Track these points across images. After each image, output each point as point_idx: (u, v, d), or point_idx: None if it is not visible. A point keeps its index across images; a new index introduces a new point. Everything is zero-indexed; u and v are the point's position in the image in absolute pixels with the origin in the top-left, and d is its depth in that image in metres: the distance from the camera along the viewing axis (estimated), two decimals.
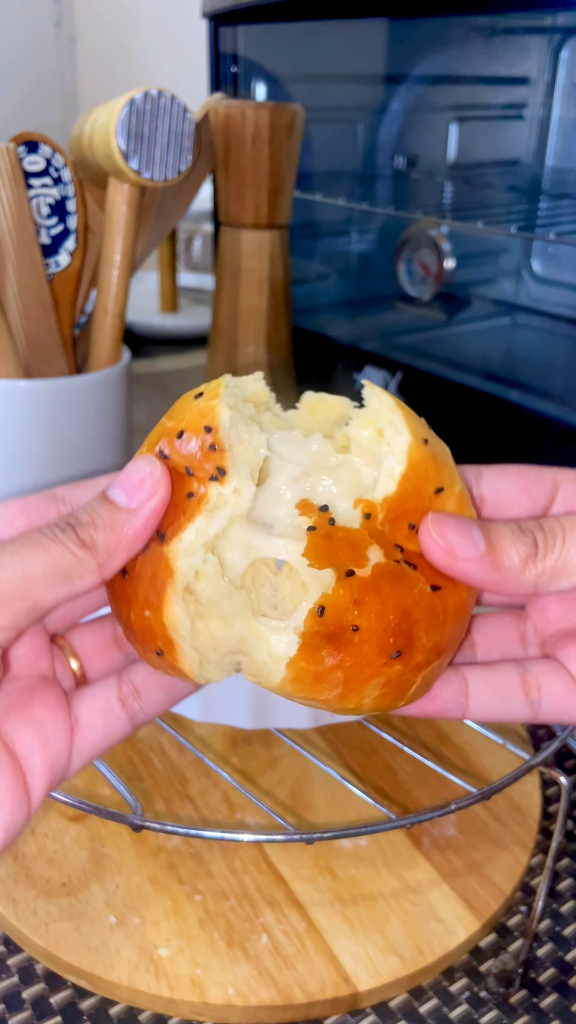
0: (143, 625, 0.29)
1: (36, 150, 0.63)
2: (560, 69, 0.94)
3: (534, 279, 1.05)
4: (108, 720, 0.32)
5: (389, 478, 0.30)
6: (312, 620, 0.28)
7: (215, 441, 0.29)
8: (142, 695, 0.32)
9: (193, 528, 0.29)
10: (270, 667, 0.29)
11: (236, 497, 0.29)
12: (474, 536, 0.29)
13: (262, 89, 0.99)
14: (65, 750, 0.30)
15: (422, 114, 1.02)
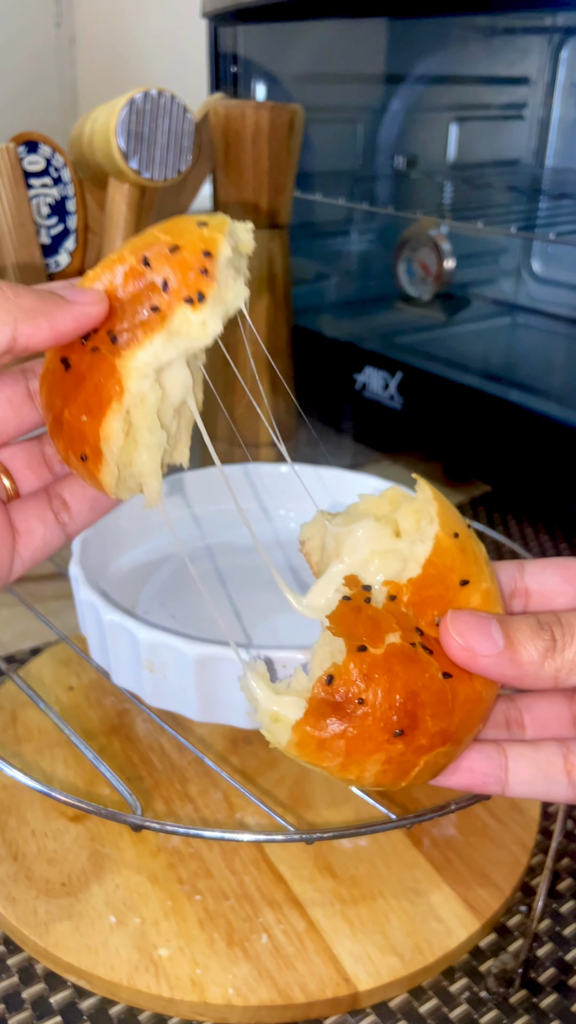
0: (76, 427, 0.30)
1: (36, 150, 0.63)
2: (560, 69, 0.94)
3: (534, 279, 1.05)
4: (46, 528, 0.34)
5: (415, 562, 0.31)
6: (320, 687, 0.29)
7: (209, 268, 0.29)
8: (71, 507, 0.35)
9: (151, 349, 0.29)
10: (278, 728, 0.30)
11: (201, 329, 0.29)
12: (493, 633, 0.30)
13: (262, 89, 0.99)
14: (7, 554, 0.33)
15: (422, 114, 1.02)
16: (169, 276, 0.29)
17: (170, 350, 0.29)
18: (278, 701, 0.30)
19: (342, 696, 0.29)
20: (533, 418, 0.76)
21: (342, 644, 0.29)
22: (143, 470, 0.31)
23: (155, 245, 0.30)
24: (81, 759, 0.53)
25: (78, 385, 0.29)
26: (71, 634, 0.54)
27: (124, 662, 0.46)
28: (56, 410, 0.30)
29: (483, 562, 0.33)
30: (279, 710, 0.30)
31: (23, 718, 0.56)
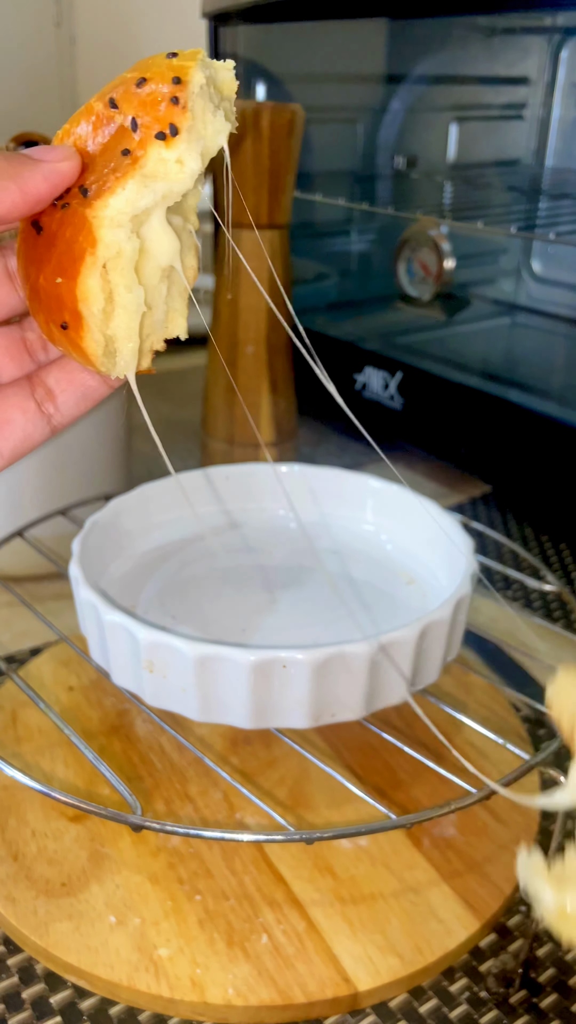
0: (52, 292, 0.27)
1: None
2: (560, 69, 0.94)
3: (534, 279, 1.05)
4: (27, 419, 0.31)
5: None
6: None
7: (180, 96, 0.26)
8: (56, 396, 0.32)
9: (123, 195, 0.26)
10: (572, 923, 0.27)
11: (178, 168, 0.27)
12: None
13: (262, 89, 0.99)
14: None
15: (422, 114, 1.02)
16: (138, 113, 0.26)
17: (145, 195, 0.26)
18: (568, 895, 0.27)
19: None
20: (533, 418, 0.76)
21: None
22: (117, 332, 0.28)
23: (122, 84, 0.27)
24: (81, 759, 0.53)
25: (50, 246, 0.27)
26: (71, 634, 0.54)
27: (124, 662, 0.46)
28: (32, 280, 0.28)
29: None
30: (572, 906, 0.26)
31: (23, 718, 0.56)
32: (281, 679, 0.42)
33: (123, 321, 0.28)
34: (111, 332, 0.28)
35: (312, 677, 0.42)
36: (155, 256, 0.28)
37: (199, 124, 0.27)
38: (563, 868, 0.27)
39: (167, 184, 0.27)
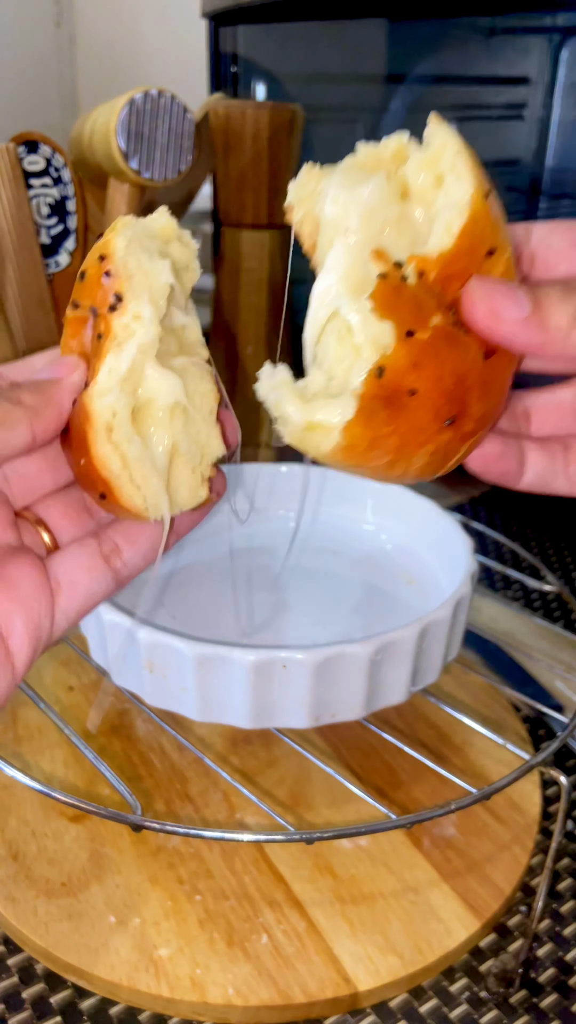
0: (82, 473, 0.30)
1: (36, 150, 0.63)
2: (560, 69, 0.94)
3: None
4: (92, 577, 0.32)
5: (446, 232, 0.27)
6: (371, 382, 0.26)
7: (109, 268, 0.29)
8: (123, 551, 0.33)
9: (105, 368, 0.29)
10: (317, 436, 0.27)
11: (138, 324, 0.29)
12: (519, 297, 0.27)
13: (262, 89, 0.99)
14: (47, 611, 0.31)
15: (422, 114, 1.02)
16: (91, 301, 0.30)
17: (122, 359, 0.29)
18: (313, 408, 0.28)
19: (394, 388, 0.26)
20: None
21: (388, 329, 0.26)
22: (139, 483, 0.30)
23: (76, 283, 0.31)
24: (81, 759, 0.53)
25: (70, 436, 0.31)
26: (71, 634, 0.54)
27: (124, 662, 0.46)
28: (73, 469, 0.31)
29: (505, 225, 0.29)
30: (320, 417, 0.27)
31: (23, 718, 0.56)
32: (281, 679, 0.42)
33: (139, 471, 0.30)
34: (138, 484, 0.30)
35: (312, 677, 0.42)
36: (159, 398, 0.30)
37: (139, 280, 0.29)
38: (307, 384, 0.28)
39: (137, 340, 0.29)
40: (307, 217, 0.30)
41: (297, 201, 0.30)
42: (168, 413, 0.31)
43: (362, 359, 0.27)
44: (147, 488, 0.30)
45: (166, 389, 0.30)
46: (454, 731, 0.56)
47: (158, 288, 0.30)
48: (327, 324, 0.28)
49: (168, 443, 0.31)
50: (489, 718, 0.57)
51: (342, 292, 0.27)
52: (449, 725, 0.56)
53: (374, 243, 0.27)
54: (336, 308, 0.28)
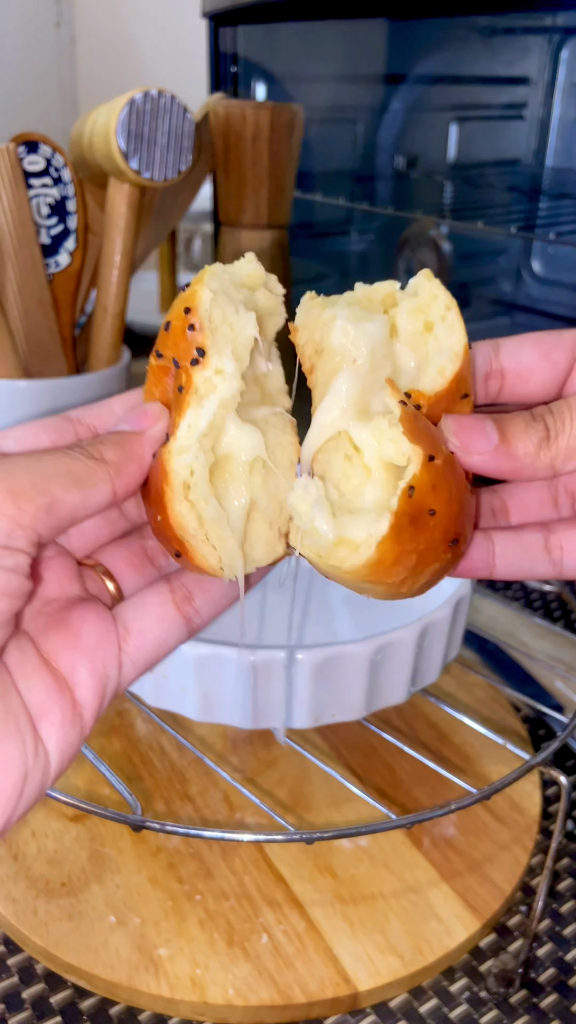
0: (158, 529, 0.30)
1: (36, 150, 0.63)
2: (560, 69, 0.94)
3: (534, 279, 1.05)
4: (163, 625, 0.31)
5: (440, 375, 0.29)
6: (404, 500, 0.27)
7: (194, 322, 0.29)
8: (196, 598, 0.32)
9: (185, 423, 0.29)
10: (343, 552, 0.28)
11: (220, 379, 0.29)
12: (487, 430, 0.29)
13: (262, 89, 0.99)
14: (113, 660, 0.30)
15: (422, 114, 1.02)
16: (174, 353, 0.29)
17: (203, 415, 0.29)
18: (343, 523, 0.28)
19: (419, 508, 0.28)
20: None
21: (419, 452, 0.28)
22: (214, 543, 0.29)
23: (160, 333, 0.30)
24: (81, 759, 0.53)
25: (148, 491, 0.30)
26: None
27: None
28: (149, 521, 0.31)
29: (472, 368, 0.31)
30: (353, 533, 0.28)
31: None
32: (281, 679, 0.42)
33: (215, 531, 0.29)
34: (214, 544, 0.29)
35: (312, 677, 0.42)
36: (239, 455, 0.30)
37: (222, 333, 0.29)
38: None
39: (217, 395, 0.29)
40: (310, 341, 0.31)
41: (302, 325, 0.31)
42: (247, 468, 0.30)
43: (375, 478, 0.29)
44: (223, 549, 0.29)
45: (247, 445, 0.30)
46: (454, 731, 0.56)
47: (242, 342, 0.29)
48: (329, 443, 0.30)
49: (246, 501, 0.30)
50: (489, 718, 0.57)
51: (351, 415, 0.29)
52: (449, 725, 0.56)
53: (376, 374, 0.29)
54: (344, 429, 0.29)
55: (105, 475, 0.28)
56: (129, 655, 0.31)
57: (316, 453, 0.30)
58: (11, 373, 0.63)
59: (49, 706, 0.28)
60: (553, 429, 0.30)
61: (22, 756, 0.27)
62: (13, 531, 0.26)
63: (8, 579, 0.26)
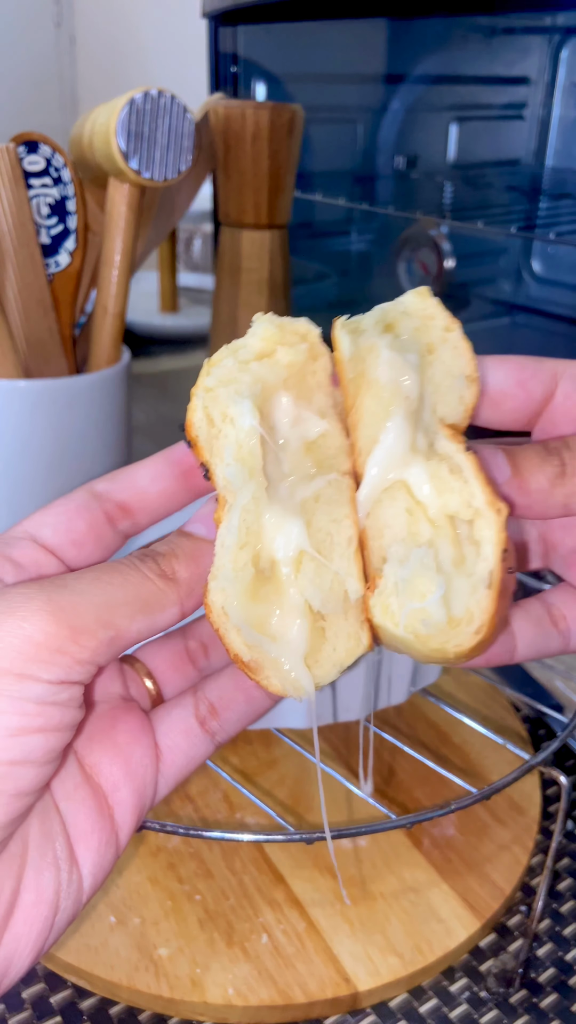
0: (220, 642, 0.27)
1: (36, 150, 0.63)
2: (560, 69, 0.94)
3: (534, 279, 1.05)
4: (191, 742, 0.29)
5: (460, 403, 0.27)
6: (500, 563, 0.25)
7: (190, 438, 0.27)
8: (220, 712, 0.30)
9: (219, 542, 0.26)
10: (460, 630, 0.25)
11: (229, 490, 0.26)
12: (499, 462, 0.27)
13: (262, 89, 0.99)
14: (151, 779, 0.28)
15: (422, 114, 1.02)
16: (201, 462, 0.27)
17: (229, 531, 0.26)
18: (452, 602, 0.25)
19: (506, 568, 0.25)
20: None
21: (503, 509, 0.25)
22: (268, 668, 0.27)
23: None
24: None
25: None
26: None
27: None
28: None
29: None
30: (465, 609, 0.25)
31: None
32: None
33: (261, 655, 0.26)
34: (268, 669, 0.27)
35: None
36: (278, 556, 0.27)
37: (225, 434, 0.27)
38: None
39: (237, 506, 0.26)
40: (357, 374, 0.28)
41: (351, 358, 0.28)
42: (293, 567, 0.27)
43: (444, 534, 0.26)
44: (276, 671, 0.26)
45: (282, 543, 0.26)
46: (454, 731, 0.56)
47: (244, 437, 0.26)
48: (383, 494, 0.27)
49: (300, 604, 0.26)
50: (489, 718, 0.57)
51: (409, 461, 0.26)
52: (449, 725, 0.56)
53: (421, 412, 0.27)
54: (403, 479, 0.26)
55: (175, 598, 0.26)
56: (163, 773, 0.29)
57: (373, 509, 0.27)
58: (11, 373, 0.63)
59: (89, 829, 0.26)
60: (570, 464, 0.28)
61: (56, 887, 0.25)
62: (72, 667, 0.24)
63: (63, 713, 0.24)
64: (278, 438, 0.28)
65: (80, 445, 0.67)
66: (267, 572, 0.27)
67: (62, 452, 0.66)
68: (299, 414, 0.28)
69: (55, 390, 0.64)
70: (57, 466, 0.67)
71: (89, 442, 0.68)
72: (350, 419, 0.28)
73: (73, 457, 0.67)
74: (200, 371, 0.27)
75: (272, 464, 0.27)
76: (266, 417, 0.27)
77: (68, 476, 0.68)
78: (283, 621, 0.26)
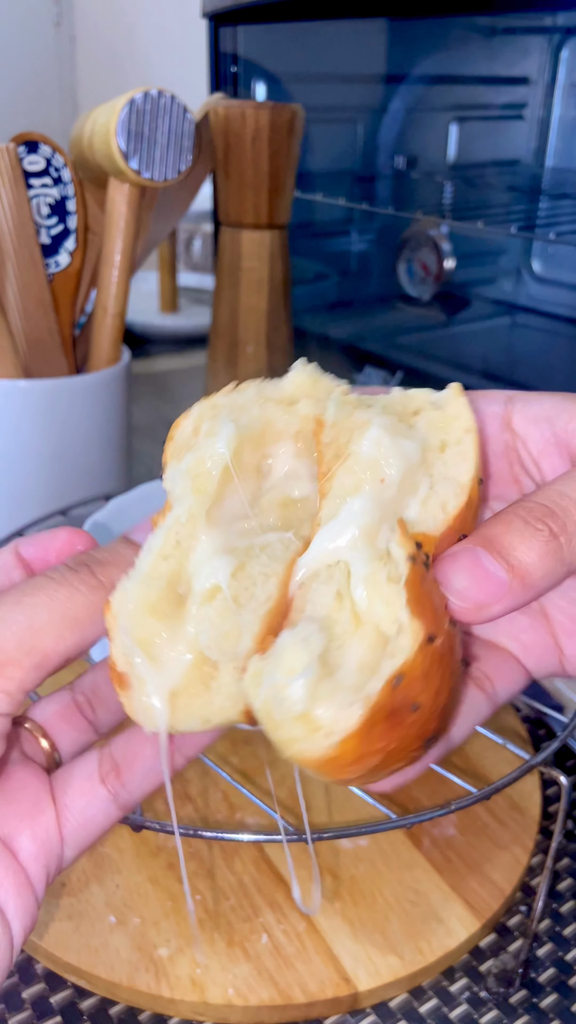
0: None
1: (36, 150, 0.63)
2: (560, 69, 0.94)
3: (534, 279, 1.05)
4: (87, 799, 0.28)
5: (441, 510, 0.25)
6: (387, 691, 0.22)
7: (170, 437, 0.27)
8: (123, 771, 0.28)
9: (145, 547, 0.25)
10: (310, 737, 0.22)
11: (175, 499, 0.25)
12: (487, 566, 0.24)
13: (262, 89, 0.99)
14: (54, 830, 0.27)
15: (422, 114, 1.02)
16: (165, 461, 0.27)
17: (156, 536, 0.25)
18: (318, 698, 0.22)
19: (402, 701, 0.22)
20: None
21: (419, 631, 0.22)
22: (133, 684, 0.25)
23: None
24: None
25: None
26: None
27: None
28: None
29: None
30: (324, 715, 0.22)
31: None
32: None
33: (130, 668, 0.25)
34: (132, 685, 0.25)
35: None
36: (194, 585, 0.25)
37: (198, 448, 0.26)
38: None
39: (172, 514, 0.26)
40: (334, 442, 0.26)
41: (332, 424, 0.26)
42: (202, 600, 0.25)
43: (365, 634, 0.23)
44: (139, 694, 0.24)
45: (204, 572, 0.25)
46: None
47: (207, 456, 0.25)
48: (323, 570, 0.25)
49: (192, 635, 0.25)
50: (489, 718, 0.57)
51: (361, 552, 0.24)
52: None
53: (398, 502, 0.25)
54: (345, 561, 0.24)
55: (100, 605, 0.25)
56: (67, 839, 0.27)
57: (308, 579, 0.25)
58: (11, 373, 0.63)
59: (10, 897, 0.25)
60: (556, 523, 0.24)
61: None
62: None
63: None
64: (266, 483, 0.27)
65: (80, 445, 0.67)
66: (183, 597, 0.25)
67: (62, 452, 0.66)
68: (295, 469, 0.27)
69: (55, 390, 0.64)
70: (57, 466, 0.67)
71: (89, 442, 0.68)
72: (322, 486, 0.26)
73: (73, 457, 0.67)
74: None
75: (237, 500, 0.26)
76: (262, 457, 0.27)
77: (68, 476, 0.68)
78: (168, 647, 0.25)
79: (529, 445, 0.28)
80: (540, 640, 0.30)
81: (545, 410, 0.27)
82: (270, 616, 0.25)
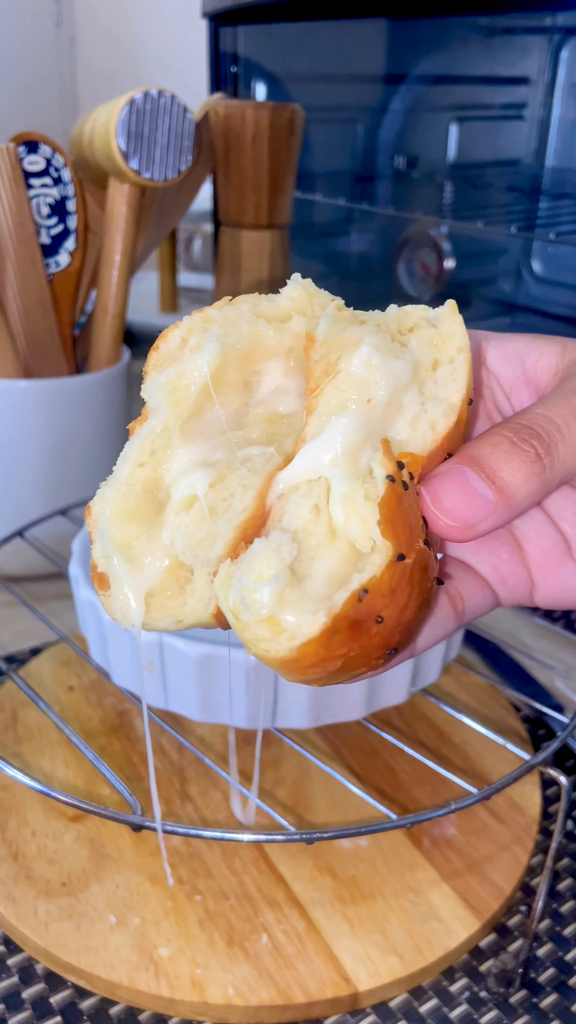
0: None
1: (36, 150, 0.63)
2: (560, 69, 0.94)
3: (534, 279, 1.05)
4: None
5: (431, 430, 0.25)
6: (351, 604, 0.23)
7: (155, 347, 0.28)
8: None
9: (122, 454, 0.27)
10: (273, 638, 0.23)
11: (151, 408, 0.27)
12: (474, 486, 0.25)
13: (262, 89, 0.99)
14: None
15: (422, 114, 1.02)
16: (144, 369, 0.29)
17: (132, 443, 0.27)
18: (285, 605, 0.23)
19: (366, 613, 0.23)
20: None
21: (388, 550, 0.23)
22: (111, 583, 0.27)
23: None
24: (81, 759, 0.53)
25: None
26: (71, 634, 0.54)
27: (124, 662, 0.46)
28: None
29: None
30: (288, 620, 0.23)
31: (23, 718, 0.56)
32: (281, 679, 0.42)
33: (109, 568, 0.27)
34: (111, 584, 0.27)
35: None
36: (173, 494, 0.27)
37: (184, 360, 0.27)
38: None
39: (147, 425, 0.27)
40: (324, 359, 0.26)
41: (323, 340, 0.26)
42: (179, 508, 0.26)
43: (337, 547, 0.24)
44: (117, 594, 0.26)
45: (184, 481, 0.26)
46: (454, 731, 0.56)
47: (187, 371, 0.26)
48: (303, 484, 0.25)
49: (168, 542, 0.26)
50: (489, 718, 0.57)
51: (342, 464, 0.25)
52: (449, 725, 0.56)
53: (385, 422, 0.25)
54: (327, 477, 0.25)
55: None
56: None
57: (288, 491, 0.26)
58: (11, 373, 0.63)
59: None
60: (541, 445, 0.25)
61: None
62: None
63: None
64: (254, 398, 0.28)
65: (80, 445, 0.67)
66: (161, 503, 0.26)
67: (62, 452, 0.66)
68: (283, 385, 0.27)
69: (55, 390, 0.64)
70: (57, 466, 0.67)
71: (89, 442, 0.68)
72: (310, 402, 0.26)
73: (73, 457, 0.67)
74: (219, 299, 0.27)
75: (219, 415, 0.27)
76: (251, 373, 0.27)
77: (68, 476, 0.68)
78: (145, 550, 0.26)
79: (501, 381, 0.29)
80: (514, 571, 0.30)
81: (517, 348, 0.29)
82: (245, 525, 0.26)
